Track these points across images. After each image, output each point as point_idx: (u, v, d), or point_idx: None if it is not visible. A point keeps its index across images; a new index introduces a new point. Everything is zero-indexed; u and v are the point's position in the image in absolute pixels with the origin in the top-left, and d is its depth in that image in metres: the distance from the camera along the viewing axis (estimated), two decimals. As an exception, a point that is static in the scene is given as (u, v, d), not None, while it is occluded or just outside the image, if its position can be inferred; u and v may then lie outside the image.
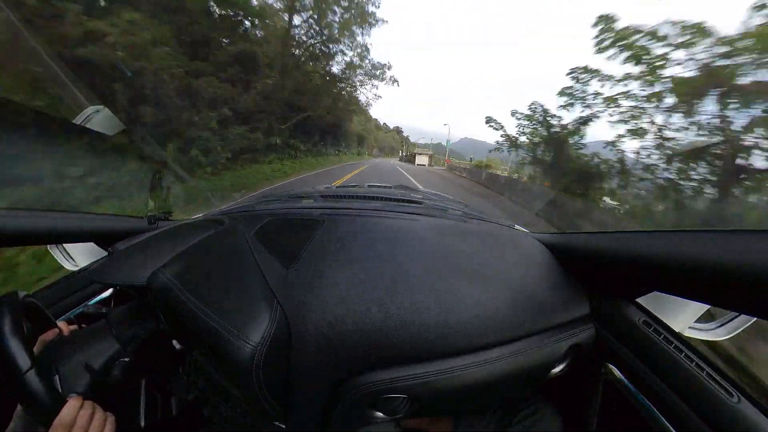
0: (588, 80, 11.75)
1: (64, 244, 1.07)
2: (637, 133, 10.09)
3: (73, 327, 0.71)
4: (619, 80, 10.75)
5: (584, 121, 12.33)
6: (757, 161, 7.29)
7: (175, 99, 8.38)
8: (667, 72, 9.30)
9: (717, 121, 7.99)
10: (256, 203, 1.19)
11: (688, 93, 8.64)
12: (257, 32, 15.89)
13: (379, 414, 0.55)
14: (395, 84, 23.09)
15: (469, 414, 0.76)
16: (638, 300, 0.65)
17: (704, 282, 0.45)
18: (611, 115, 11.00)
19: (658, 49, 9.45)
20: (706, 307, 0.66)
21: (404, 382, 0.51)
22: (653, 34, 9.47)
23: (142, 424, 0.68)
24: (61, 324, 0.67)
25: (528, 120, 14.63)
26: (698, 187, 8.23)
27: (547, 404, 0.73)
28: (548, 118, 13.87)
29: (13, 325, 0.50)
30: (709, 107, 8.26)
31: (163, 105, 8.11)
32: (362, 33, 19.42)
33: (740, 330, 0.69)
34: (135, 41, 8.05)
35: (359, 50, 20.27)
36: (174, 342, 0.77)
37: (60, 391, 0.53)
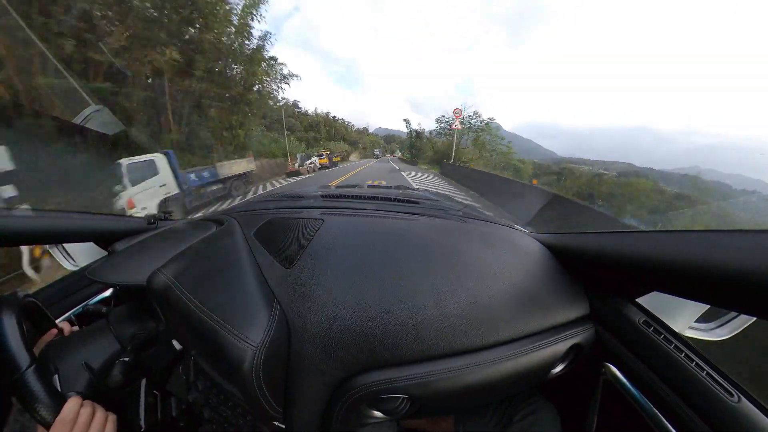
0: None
1: (64, 244, 1.07)
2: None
3: (74, 328, 0.71)
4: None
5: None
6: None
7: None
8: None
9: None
10: (256, 203, 1.19)
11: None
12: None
13: (379, 414, 0.55)
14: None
15: (470, 413, 0.76)
16: (638, 300, 0.65)
17: (704, 282, 0.45)
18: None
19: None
20: (706, 307, 0.66)
21: (404, 382, 0.51)
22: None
23: (142, 424, 0.68)
24: (62, 324, 0.67)
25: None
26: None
27: (547, 404, 0.73)
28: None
29: (13, 324, 0.50)
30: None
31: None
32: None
33: (740, 330, 0.69)
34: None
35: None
36: (174, 342, 0.77)
37: (59, 390, 0.53)
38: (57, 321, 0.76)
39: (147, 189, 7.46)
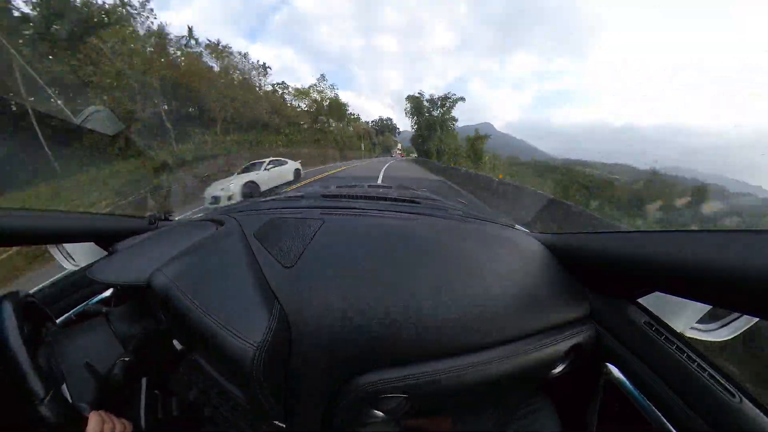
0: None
1: (64, 244, 1.07)
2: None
3: None
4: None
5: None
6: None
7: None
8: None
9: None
10: (256, 203, 1.19)
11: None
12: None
13: (379, 414, 0.55)
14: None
15: (470, 412, 0.76)
16: (639, 300, 0.64)
17: (706, 282, 0.45)
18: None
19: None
20: (708, 307, 0.66)
21: (404, 381, 0.51)
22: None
23: (143, 423, 0.68)
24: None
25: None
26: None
27: (546, 403, 0.73)
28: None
29: (17, 335, 0.49)
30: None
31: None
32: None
33: (742, 331, 0.69)
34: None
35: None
36: (174, 342, 0.77)
37: (70, 400, 0.52)
38: (57, 320, 0.76)
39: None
